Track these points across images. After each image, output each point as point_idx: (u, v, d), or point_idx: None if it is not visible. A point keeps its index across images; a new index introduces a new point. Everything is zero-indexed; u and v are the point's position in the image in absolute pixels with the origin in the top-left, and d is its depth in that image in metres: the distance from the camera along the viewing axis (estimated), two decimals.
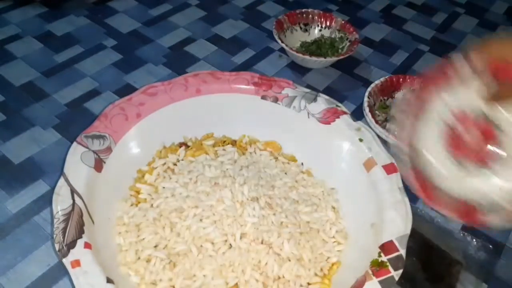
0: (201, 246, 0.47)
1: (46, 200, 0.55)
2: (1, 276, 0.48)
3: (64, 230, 0.42)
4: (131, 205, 0.51)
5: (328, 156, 0.56)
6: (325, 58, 0.75)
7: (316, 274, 0.47)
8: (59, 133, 0.63)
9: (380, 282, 0.42)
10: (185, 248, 0.46)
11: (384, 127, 0.66)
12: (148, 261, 0.46)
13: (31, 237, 0.52)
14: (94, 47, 0.78)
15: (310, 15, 0.83)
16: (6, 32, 0.78)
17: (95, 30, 0.82)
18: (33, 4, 0.85)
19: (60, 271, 0.49)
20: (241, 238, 0.47)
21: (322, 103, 0.57)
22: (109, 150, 0.50)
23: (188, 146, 0.57)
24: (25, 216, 0.54)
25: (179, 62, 0.77)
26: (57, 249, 0.41)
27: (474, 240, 0.55)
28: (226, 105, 0.58)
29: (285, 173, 0.56)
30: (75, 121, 0.65)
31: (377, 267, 0.43)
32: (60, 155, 0.58)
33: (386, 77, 0.72)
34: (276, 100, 0.58)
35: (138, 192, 0.52)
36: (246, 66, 0.78)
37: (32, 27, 0.80)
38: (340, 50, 0.80)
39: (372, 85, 0.70)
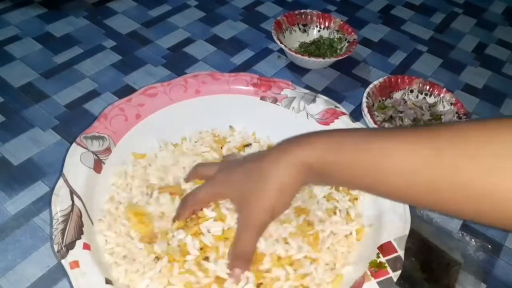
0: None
1: (45, 201, 0.55)
2: (0, 278, 0.48)
3: (63, 231, 0.42)
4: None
5: None
6: (323, 58, 0.76)
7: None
8: (58, 134, 0.63)
9: (378, 283, 0.42)
10: None
11: (383, 128, 0.66)
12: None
13: (30, 238, 0.52)
14: (93, 48, 0.78)
15: (309, 16, 0.84)
16: (5, 33, 0.78)
17: (94, 31, 0.82)
18: (32, 5, 0.85)
19: (59, 272, 0.49)
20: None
21: (321, 104, 0.57)
22: (108, 151, 0.50)
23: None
24: (25, 218, 0.54)
25: (178, 63, 0.77)
26: (56, 250, 0.41)
27: (473, 240, 0.55)
28: (225, 106, 0.58)
29: None
30: (74, 122, 0.65)
31: (376, 268, 0.43)
32: (59, 156, 0.58)
33: (385, 77, 0.72)
34: (275, 101, 0.58)
35: None
36: (245, 67, 0.78)
37: (31, 28, 0.80)
38: (338, 51, 0.80)
39: (371, 85, 0.70)
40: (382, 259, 0.44)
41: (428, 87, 0.73)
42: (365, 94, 0.68)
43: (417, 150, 0.35)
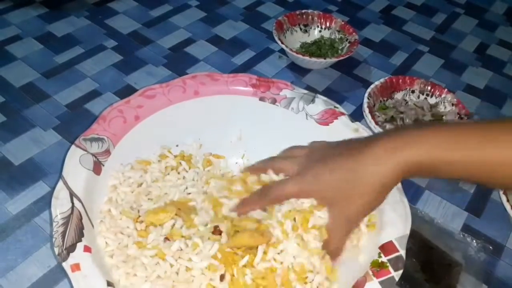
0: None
1: (46, 201, 0.55)
2: (1, 278, 0.49)
3: (63, 234, 0.41)
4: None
5: None
6: (325, 59, 0.76)
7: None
8: (59, 134, 0.63)
9: (380, 282, 0.42)
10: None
11: (384, 128, 0.66)
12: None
13: (31, 238, 0.52)
14: (94, 48, 0.78)
15: (310, 16, 0.83)
16: (7, 33, 0.78)
17: (95, 31, 0.82)
18: (33, 5, 0.85)
19: (60, 272, 0.49)
20: None
21: (320, 104, 0.57)
22: (107, 152, 0.50)
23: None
24: (26, 218, 0.54)
25: (179, 63, 0.77)
26: (56, 253, 0.40)
27: (474, 241, 0.55)
28: (224, 107, 0.58)
29: None
30: (75, 122, 0.65)
31: (377, 267, 0.43)
32: (60, 156, 0.58)
33: (386, 78, 0.72)
34: (274, 101, 0.58)
35: None
36: (246, 67, 0.78)
37: (32, 28, 0.80)
38: (340, 51, 0.80)
39: (372, 86, 0.70)
40: (384, 258, 0.44)
41: (429, 88, 0.73)
42: (366, 95, 0.68)
43: None
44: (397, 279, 0.42)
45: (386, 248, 0.44)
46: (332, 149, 0.47)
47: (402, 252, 0.44)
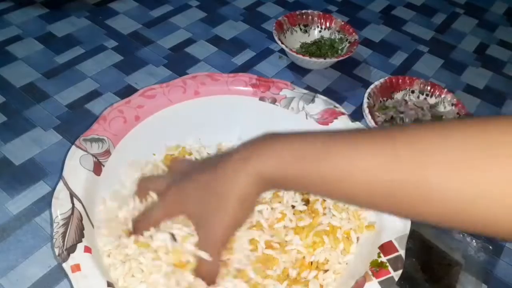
0: None
1: (47, 201, 0.55)
2: (2, 277, 0.49)
3: (63, 235, 0.41)
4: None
5: None
6: (325, 59, 0.76)
7: None
8: (60, 134, 0.63)
9: (380, 282, 0.42)
10: None
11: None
12: None
13: (32, 238, 0.52)
14: (95, 48, 0.78)
15: (310, 16, 0.84)
16: (7, 33, 0.79)
17: (96, 31, 0.82)
18: (34, 5, 0.86)
19: (61, 272, 0.49)
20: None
21: (320, 104, 0.57)
22: (108, 153, 0.50)
23: None
24: (26, 217, 0.54)
25: (179, 63, 0.77)
26: (57, 253, 0.41)
27: (474, 241, 0.55)
28: (224, 107, 0.58)
29: None
30: (76, 122, 0.65)
31: (377, 267, 0.43)
32: (61, 156, 0.58)
33: (386, 78, 0.72)
34: (274, 101, 0.58)
35: None
36: (246, 67, 0.78)
37: (33, 28, 0.80)
38: (339, 51, 0.80)
39: (372, 86, 0.70)
40: (383, 258, 0.44)
41: (429, 88, 0.73)
42: (366, 95, 0.68)
43: (375, 156, 0.34)
44: (396, 279, 0.42)
45: (386, 248, 0.45)
46: (198, 164, 0.45)
47: (402, 252, 0.44)
